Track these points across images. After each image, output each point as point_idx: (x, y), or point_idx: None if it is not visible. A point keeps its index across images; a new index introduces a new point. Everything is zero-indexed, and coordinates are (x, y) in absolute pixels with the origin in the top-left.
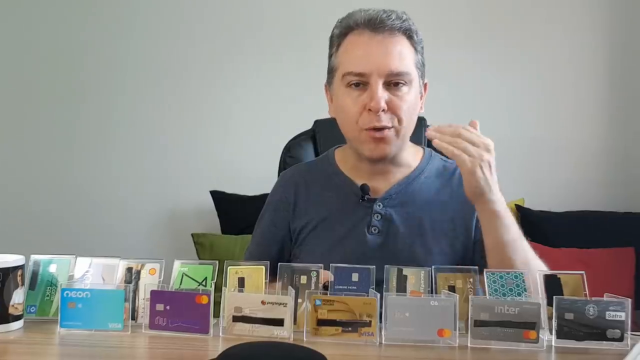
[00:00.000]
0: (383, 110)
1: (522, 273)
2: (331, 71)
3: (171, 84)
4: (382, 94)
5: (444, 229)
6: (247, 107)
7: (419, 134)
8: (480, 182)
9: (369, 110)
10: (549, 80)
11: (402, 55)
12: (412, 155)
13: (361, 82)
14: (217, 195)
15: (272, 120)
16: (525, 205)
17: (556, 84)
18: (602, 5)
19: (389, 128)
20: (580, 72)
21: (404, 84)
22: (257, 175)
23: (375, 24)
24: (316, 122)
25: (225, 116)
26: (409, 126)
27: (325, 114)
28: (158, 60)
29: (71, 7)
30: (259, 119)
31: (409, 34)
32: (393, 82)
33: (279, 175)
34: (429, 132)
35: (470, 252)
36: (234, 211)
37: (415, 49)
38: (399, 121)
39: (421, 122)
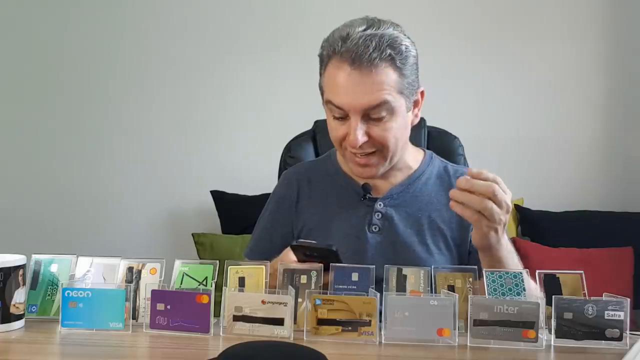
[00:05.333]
0: (365, 142)
1: (521, 273)
2: (320, 89)
3: (171, 85)
4: (360, 130)
5: (441, 230)
6: (248, 108)
7: (419, 135)
8: (490, 242)
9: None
10: (549, 81)
11: (381, 87)
12: (412, 157)
13: (341, 114)
14: (217, 195)
15: (272, 120)
16: (525, 205)
17: (556, 84)
18: (602, 6)
19: (371, 154)
20: (580, 72)
21: (385, 114)
22: (257, 175)
23: (353, 58)
24: (316, 122)
25: (226, 116)
26: (396, 149)
27: (325, 115)
28: (158, 60)
29: (72, 8)
30: (259, 119)
31: (391, 61)
32: (373, 114)
33: (279, 175)
34: (453, 192)
35: (465, 259)
36: (234, 211)
37: (401, 72)
38: (383, 148)
39: (420, 122)
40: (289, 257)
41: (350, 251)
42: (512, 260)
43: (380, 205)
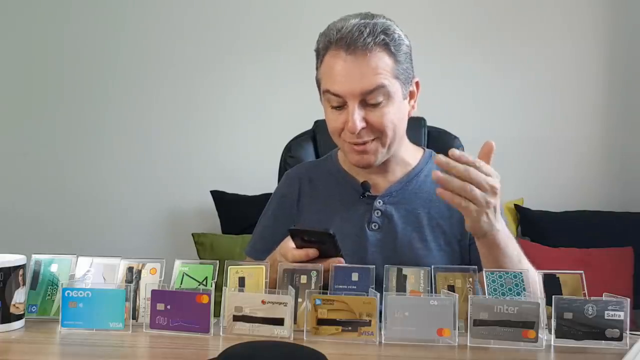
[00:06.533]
0: (363, 128)
1: (521, 272)
2: (317, 83)
3: (172, 85)
4: (358, 116)
5: (441, 226)
6: (248, 107)
7: (419, 135)
8: (483, 227)
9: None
10: (549, 81)
11: (377, 71)
12: (411, 154)
13: (339, 103)
14: (217, 195)
15: (272, 120)
16: (525, 205)
17: (556, 84)
18: (602, 6)
19: (370, 141)
20: (580, 72)
21: (382, 99)
22: (257, 175)
23: (348, 44)
24: (316, 122)
25: (226, 116)
26: (395, 136)
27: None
28: (159, 60)
29: (71, 8)
30: (259, 119)
31: (385, 46)
32: (370, 99)
33: (279, 175)
34: (435, 172)
35: (466, 252)
36: (234, 211)
37: (395, 58)
38: (381, 134)
39: (420, 122)
40: (287, 244)
41: (350, 249)
42: (512, 247)
43: (379, 203)
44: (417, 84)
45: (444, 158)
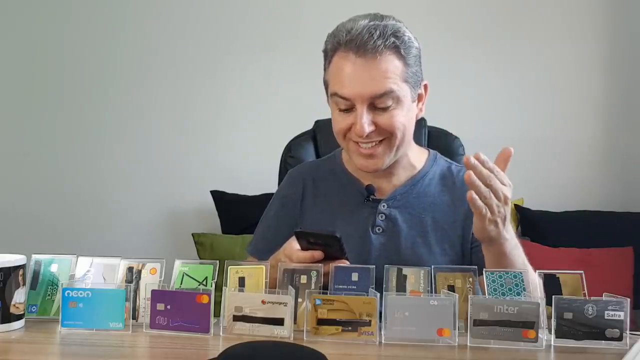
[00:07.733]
0: (372, 131)
1: (521, 272)
2: (325, 84)
3: (171, 85)
4: (366, 119)
5: (445, 230)
6: (248, 107)
7: (419, 135)
8: (490, 235)
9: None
10: (549, 81)
11: (386, 75)
12: (416, 157)
13: (347, 106)
14: (217, 195)
15: (272, 120)
16: (525, 205)
17: (556, 84)
18: (602, 6)
19: (378, 142)
20: (580, 72)
21: (391, 103)
22: (257, 175)
23: (358, 46)
24: (316, 122)
25: (226, 116)
26: (403, 139)
27: (325, 114)
28: (159, 60)
29: (72, 8)
30: (259, 119)
31: (395, 49)
32: (379, 103)
33: (279, 175)
34: (469, 173)
35: (468, 254)
36: (234, 211)
37: (405, 61)
38: (390, 135)
39: (420, 123)
40: (292, 245)
41: (353, 252)
42: (518, 255)
43: (383, 206)
44: (425, 86)
45: (473, 160)
